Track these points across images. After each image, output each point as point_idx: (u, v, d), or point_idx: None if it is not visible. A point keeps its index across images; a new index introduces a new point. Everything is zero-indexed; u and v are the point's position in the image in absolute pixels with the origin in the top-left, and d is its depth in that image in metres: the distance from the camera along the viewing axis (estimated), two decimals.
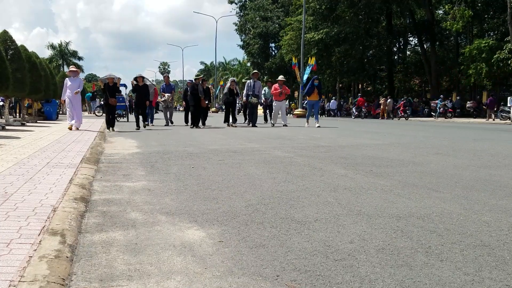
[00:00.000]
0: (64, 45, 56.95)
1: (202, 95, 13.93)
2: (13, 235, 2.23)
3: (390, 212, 2.94)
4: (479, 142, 8.62)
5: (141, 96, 13.06)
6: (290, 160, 5.62)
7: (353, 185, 3.92)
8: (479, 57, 23.90)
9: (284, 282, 1.81)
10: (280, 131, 12.28)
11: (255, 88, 15.54)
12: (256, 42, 46.30)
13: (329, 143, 8.15)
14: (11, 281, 1.68)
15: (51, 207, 2.82)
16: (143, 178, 4.28)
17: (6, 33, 13.22)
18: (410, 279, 1.84)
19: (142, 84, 13.11)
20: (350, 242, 2.33)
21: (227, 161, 5.56)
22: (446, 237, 2.41)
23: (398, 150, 6.96)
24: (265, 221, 2.74)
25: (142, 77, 13.34)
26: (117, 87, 12.78)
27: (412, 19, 34.91)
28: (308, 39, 31.63)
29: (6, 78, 11.47)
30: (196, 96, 13.97)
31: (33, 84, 14.29)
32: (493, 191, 3.64)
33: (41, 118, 18.06)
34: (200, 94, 13.91)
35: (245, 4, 51.15)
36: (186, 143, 8.11)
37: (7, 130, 10.54)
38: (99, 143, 7.70)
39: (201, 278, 1.85)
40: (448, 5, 25.47)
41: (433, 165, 5.17)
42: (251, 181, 4.11)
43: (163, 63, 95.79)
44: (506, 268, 1.96)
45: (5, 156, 5.29)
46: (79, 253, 2.14)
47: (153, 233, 2.49)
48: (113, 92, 12.06)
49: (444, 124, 18.49)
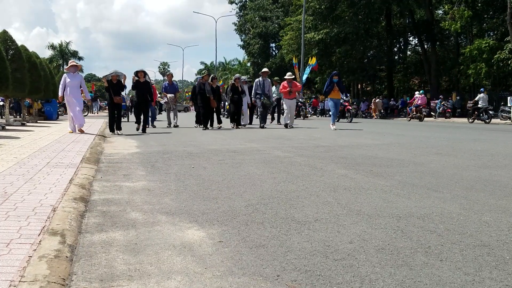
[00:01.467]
0: (64, 45, 56.97)
1: (210, 95, 12.70)
2: (13, 235, 2.23)
3: (390, 212, 2.94)
4: (479, 142, 8.62)
5: (143, 94, 11.26)
6: (290, 160, 5.62)
7: (353, 185, 3.92)
8: (480, 57, 23.89)
9: (284, 282, 1.81)
10: (280, 131, 12.21)
11: (264, 87, 14.38)
12: (256, 42, 46.32)
13: (329, 143, 8.14)
14: (11, 281, 1.68)
15: (51, 207, 2.82)
16: (143, 178, 4.27)
17: (6, 33, 13.22)
18: (410, 279, 1.84)
19: (144, 81, 11.27)
20: (350, 242, 2.33)
21: (227, 161, 5.56)
22: (446, 237, 2.41)
23: (398, 150, 6.96)
24: (265, 221, 2.74)
25: (143, 72, 11.38)
26: (123, 85, 11.38)
27: (412, 19, 34.89)
28: (308, 39, 31.62)
29: (6, 78, 11.47)
30: (203, 96, 12.85)
31: (33, 84, 14.29)
32: (493, 191, 3.64)
33: (41, 118, 18.06)
34: (208, 94, 12.70)
35: (245, 4, 51.16)
36: (186, 143, 8.11)
37: (7, 130, 10.53)
38: (99, 143, 7.70)
39: (201, 278, 1.85)
40: (448, 5, 25.45)
41: (433, 165, 5.17)
42: (251, 181, 4.11)
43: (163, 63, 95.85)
44: (506, 268, 1.96)
45: (5, 156, 5.29)
46: (79, 253, 2.14)
47: (153, 233, 2.49)
48: (118, 90, 10.93)
49: (444, 124, 18.49)
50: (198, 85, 13.12)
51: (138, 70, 11.30)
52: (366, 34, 33.25)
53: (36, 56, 16.49)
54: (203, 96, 12.84)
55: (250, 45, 47.52)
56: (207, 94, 12.72)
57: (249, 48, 47.72)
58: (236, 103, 13.75)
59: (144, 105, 11.36)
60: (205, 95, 12.79)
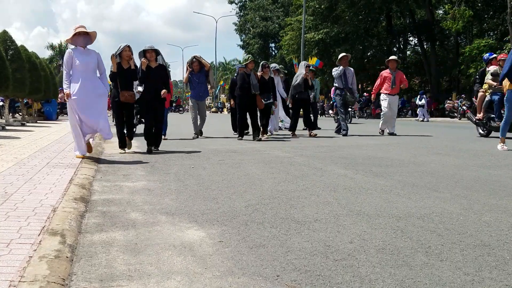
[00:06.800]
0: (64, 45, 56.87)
1: (256, 91, 8.78)
2: (13, 235, 2.23)
3: (390, 212, 2.94)
4: (479, 142, 8.61)
5: (156, 87, 6.47)
6: (290, 160, 5.62)
7: (353, 185, 3.92)
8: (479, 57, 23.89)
9: (284, 282, 1.81)
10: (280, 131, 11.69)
11: (347, 78, 10.12)
12: (256, 42, 46.32)
13: (329, 143, 8.14)
14: (11, 281, 1.68)
15: (51, 207, 2.82)
16: (143, 178, 4.27)
17: (6, 33, 13.23)
18: (410, 279, 1.84)
19: (157, 65, 6.60)
20: (350, 242, 2.33)
21: (227, 161, 5.56)
22: (446, 237, 2.41)
23: (398, 150, 6.96)
24: (265, 221, 2.74)
25: (155, 51, 6.53)
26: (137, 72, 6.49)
27: (412, 19, 34.89)
28: (308, 39, 31.63)
29: (6, 78, 11.47)
30: (245, 92, 8.81)
31: (33, 84, 14.30)
32: (493, 191, 3.64)
33: (41, 118, 18.06)
34: (254, 90, 8.75)
35: (245, 4, 51.17)
36: (186, 143, 8.11)
37: (7, 130, 10.53)
38: (99, 143, 7.70)
39: (201, 278, 1.85)
40: (448, 5, 25.44)
41: (433, 165, 5.17)
42: (251, 181, 4.11)
43: None
44: (506, 268, 1.96)
45: (5, 156, 5.29)
46: (79, 253, 2.14)
47: (153, 233, 2.49)
48: (131, 80, 6.41)
49: (444, 124, 18.48)
50: (241, 77, 8.92)
51: (146, 48, 6.53)
52: (366, 34, 33.26)
53: (36, 56, 16.50)
54: (245, 93, 8.83)
55: (250, 45, 47.52)
56: (252, 90, 8.75)
57: (249, 48, 47.71)
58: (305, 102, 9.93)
59: (156, 106, 6.57)
60: (248, 91, 8.79)
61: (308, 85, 9.79)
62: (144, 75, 6.47)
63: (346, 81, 10.13)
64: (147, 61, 6.43)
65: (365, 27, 32.42)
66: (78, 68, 5.27)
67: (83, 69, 5.29)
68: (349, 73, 10.17)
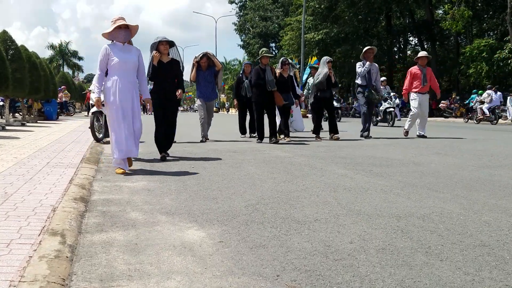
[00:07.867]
0: (64, 45, 56.81)
1: (273, 88, 7.94)
2: (13, 235, 2.23)
3: (390, 212, 2.94)
4: (479, 142, 8.61)
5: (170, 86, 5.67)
6: (290, 160, 5.62)
7: (353, 185, 3.92)
8: (479, 57, 23.90)
9: (284, 282, 1.81)
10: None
11: (372, 75, 9.22)
12: (256, 42, 46.34)
13: (329, 143, 8.14)
14: (11, 281, 1.68)
15: (51, 207, 2.82)
16: (143, 178, 4.27)
17: (6, 33, 13.23)
18: (410, 279, 1.84)
19: (170, 59, 5.73)
20: (350, 242, 2.33)
21: (227, 161, 5.56)
22: (446, 237, 2.41)
23: (398, 150, 6.96)
24: (265, 221, 2.74)
25: (168, 42, 5.65)
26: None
27: (412, 19, 34.92)
28: (308, 39, 31.64)
29: (6, 78, 11.47)
30: (261, 90, 7.99)
31: (33, 84, 14.29)
32: (493, 191, 3.64)
33: (41, 118, 18.05)
34: (270, 87, 7.92)
35: (245, 4, 51.19)
36: (186, 143, 8.10)
37: (7, 130, 10.53)
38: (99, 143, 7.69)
39: (201, 278, 1.85)
40: (448, 5, 25.46)
41: (433, 165, 5.17)
42: (251, 181, 4.11)
43: None
44: (506, 268, 1.96)
45: (5, 156, 5.28)
46: (79, 253, 2.14)
47: (153, 233, 2.49)
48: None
49: (443, 124, 18.48)
50: (255, 73, 8.14)
51: (160, 39, 5.61)
52: (366, 34, 33.28)
53: (36, 56, 16.50)
54: (261, 90, 8.00)
55: (250, 45, 47.54)
56: (268, 87, 7.93)
57: (249, 48, 47.74)
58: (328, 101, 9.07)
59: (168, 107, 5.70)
60: (264, 88, 7.97)
61: (331, 82, 8.80)
62: (155, 71, 5.59)
63: (370, 78, 9.20)
64: (159, 55, 5.57)
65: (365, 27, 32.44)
66: (116, 66, 4.54)
67: (122, 68, 4.57)
68: (373, 69, 9.26)
